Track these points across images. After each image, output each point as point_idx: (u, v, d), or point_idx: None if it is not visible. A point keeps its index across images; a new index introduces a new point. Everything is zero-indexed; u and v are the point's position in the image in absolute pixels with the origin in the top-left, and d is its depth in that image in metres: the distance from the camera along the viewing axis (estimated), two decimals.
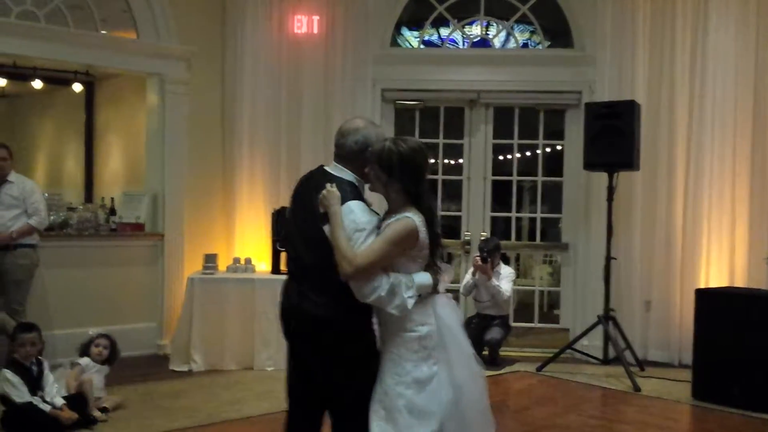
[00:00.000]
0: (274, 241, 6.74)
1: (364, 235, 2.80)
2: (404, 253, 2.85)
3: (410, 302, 2.81)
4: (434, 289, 2.91)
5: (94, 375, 5.03)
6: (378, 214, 2.95)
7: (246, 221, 7.20)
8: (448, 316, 2.92)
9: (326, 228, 2.84)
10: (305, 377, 3.03)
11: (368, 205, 2.94)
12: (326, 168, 3.04)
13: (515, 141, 7.69)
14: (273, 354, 6.39)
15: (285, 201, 6.88)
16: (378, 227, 2.86)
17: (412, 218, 2.83)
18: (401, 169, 2.86)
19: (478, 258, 6.75)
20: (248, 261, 6.83)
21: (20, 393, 4.50)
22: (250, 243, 7.12)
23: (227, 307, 6.45)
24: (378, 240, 2.80)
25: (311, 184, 2.99)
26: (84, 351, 5.14)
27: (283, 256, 6.68)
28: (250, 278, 6.58)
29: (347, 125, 3.04)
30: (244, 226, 7.20)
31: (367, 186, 3.03)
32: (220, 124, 7.37)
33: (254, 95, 7.24)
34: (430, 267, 2.91)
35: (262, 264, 6.92)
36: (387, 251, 2.79)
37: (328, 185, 2.88)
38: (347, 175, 2.97)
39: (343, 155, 3.00)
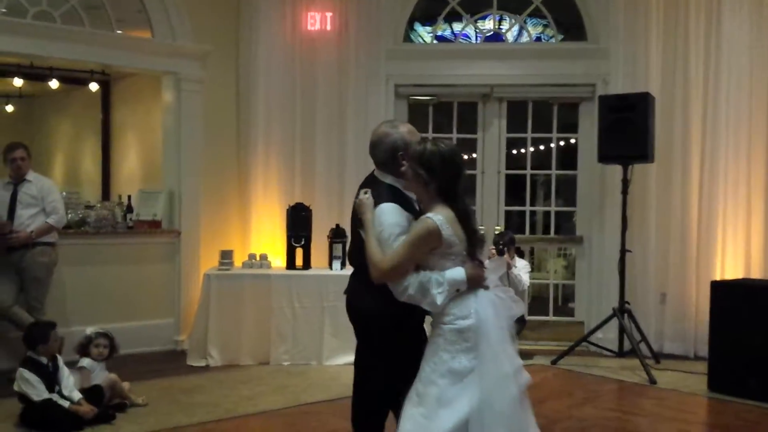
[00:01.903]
0: (289, 237, 6.78)
1: (393, 238, 2.95)
2: (431, 252, 2.92)
3: (440, 298, 2.88)
4: (476, 284, 2.92)
5: (100, 374, 5.04)
6: (416, 211, 3.08)
7: (261, 217, 7.25)
8: (485, 314, 2.89)
9: (362, 232, 3.06)
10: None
11: (411, 203, 3.09)
12: (375, 173, 3.25)
13: (529, 135, 7.69)
14: (289, 349, 6.45)
15: (299, 197, 7.04)
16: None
17: (433, 219, 2.89)
18: (442, 168, 2.95)
19: (493, 250, 6.76)
20: (264, 257, 6.88)
21: (38, 391, 4.55)
22: (266, 239, 7.17)
23: (243, 302, 6.50)
24: (401, 243, 2.93)
25: (360, 189, 3.21)
26: (83, 351, 5.05)
27: (298, 251, 6.79)
28: (265, 274, 6.63)
29: (373, 137, 3.24)
30: (259, 223, 7.26)
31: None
32: (235, 122, 7.42)
33: (268, 92, 7.28)
34: (469, 262, 2.95)
35: (278, 260, 6.96)
36: (410, 253, 2.91)
37: (362, 192, 3.11)
38: (388, 178, 3.17)
39: (379, 164, 3.22)
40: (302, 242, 6.76)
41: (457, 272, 2.90)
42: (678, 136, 6.92)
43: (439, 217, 2.89)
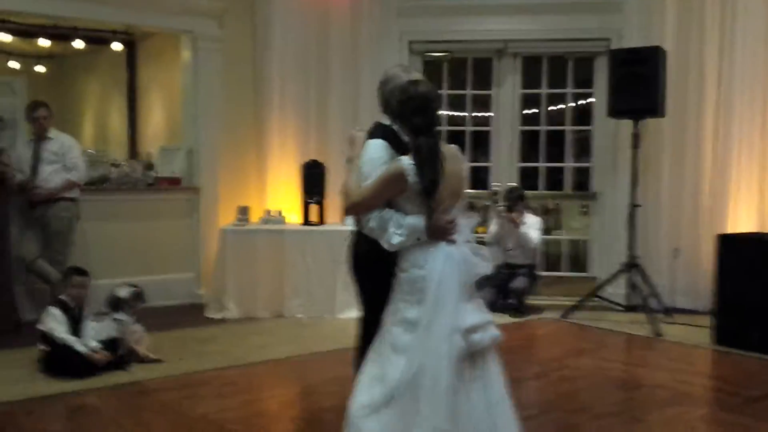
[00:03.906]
0: (304, 194, 6.92)
1: (371, 173, 2.97)
2: (398, 195, 2.94)
3: (395, 239, 2.90)
4: (438, 236, 2.90)
5: (136, 326, 5.28)
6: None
7: (278, 174, 7.38)
8: (436, 266, 2.86)
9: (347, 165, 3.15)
10: None
11: (406, 146, 3.01)
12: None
13: (544, 90, 7.66)
14: (303, 302, 6.63)
15: (315, 154, 7.16)
16: None
17: (403, 162, 2.90)
18: (401, 104, 2.98)
19: (502, 207, 6.83)
20: (279, 213, 7.04)
21: (60, 328, 4.78)
22: (282, 195, 7.31)
23: (259, 257, 6.68)
24: (372, 180, 2.96)
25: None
26: (116, 307, 5.20)
27: (313, 208, 6.93)
28: (280, 230, 6.79)
29: (383, 77, 3.25)
30: (275, 179, 7.38)
31: None
32: (252, 79, 7.51)
33: (284, 50, 7.35)
34: (426, 212, 2.90)
35: (293, 216, 7.12)
36: (377, 191, 2.94)
37: (353, 130, 3.19)
38: (385, 119, 3.20)
39: (381, 104, 3.24)
40: (316, 198, 6.90)
41: (416, 220, 2.90)
42: (692, 90, 6.84)
43: (411, 161, 2.90)
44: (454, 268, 2.87)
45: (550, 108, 7.74)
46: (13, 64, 10.23)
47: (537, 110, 7.90)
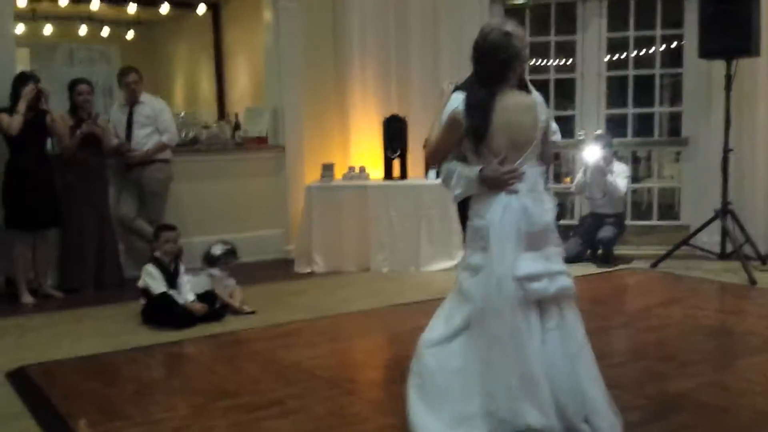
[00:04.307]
0: (386, 149, 6.98)
1: (442, 122, 3.07)
2: (457, 141, 3.01)
3: (456, 190, 3.01)
4: (495, 186, 2.91)
5: (230, 280, 5.51)
6: None
7: (360, 130, 7.44)
8: (494, 216, 2.90)
9: None
10: None
11: None
12: None
13: (631, 33, 7.40)
14: (388, 256, 6.72)
15: (396, 109, 7.18)
16: None
17: (458, 106, 2.96)
18: (476, 54, 3.01)
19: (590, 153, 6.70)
20: (362, 169, 7.13)
21: (158, 285, 5.03)
22: (365, 151, 7.37)
23: (344, 213, 6.81)
24: (437, 128, 3.06)
25: None
26: (211, 262, 5.44)
27: (395, 162, 6.98)
28: (363, 185, 6.89)
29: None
30: (358, 136, 7.46)
31: None
32: (332, 37, 7.57)
33: (363, 6, 7.35)
34: (482, 161, 2.95)
35: (377, 171, 7.19)
36: (440, 137, 3.06)
37: (444, 83, 3.24)
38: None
39: None
40: (398, 153, 6.94)
41: (472, 170, 2.95)
42: None
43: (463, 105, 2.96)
44: (512, 218, 2.89)
45: (637, 52, 7.48)
46: (105, 32, 10.61)
47: (623, 56, 7.66)
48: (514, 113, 2.95)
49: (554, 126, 3.56)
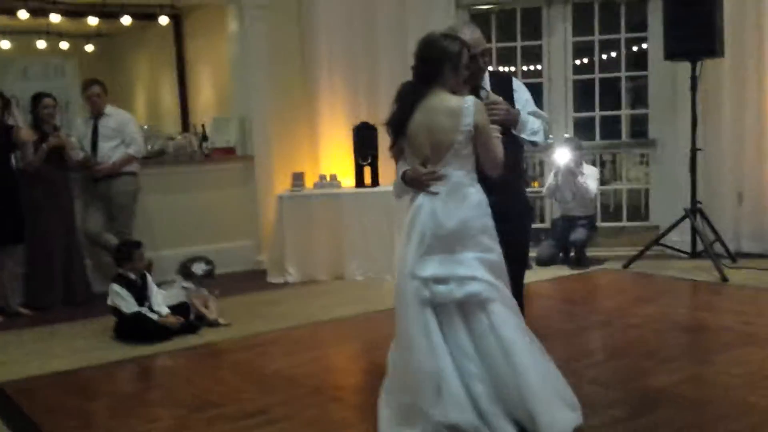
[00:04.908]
0: (357, 156, 6.94)
1: None
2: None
3: (395, 192, 3.31)
4: (415, 186, 3.08)
5: (202, 290, 5.40)
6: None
7: (329, 139, 7.39)
8: (410, 221, 3.08)
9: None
10: None
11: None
12: None
13: (596, 37, 7.49)
14: (362, 263, 6.68)
15: (365, 116, 7.14)
16: None
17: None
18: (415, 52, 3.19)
19: (558, 160, 6.75)
20: (333, 177, 7.08)
21: (128, 304, 4.92)
22: (335, 159, 7.31)
23: (316, 222, 6.75)
24: None
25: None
26: (187, 276, 5.34)
27: (366, 170, 6.95)
28: (336, 193, 6.85)
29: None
30: (328, 144, 7.39)
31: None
32: (299, 46, 7.50)
33: (329, 13, 7.31)
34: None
35: (347, 179, 7.15)
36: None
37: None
38: None
39: None
40: (369, 160, 6.91)
41: (399, 172, 3.13)
42: (750, 29, 6.61)
43: None
44: (420, 219, 3.01)
45: (602, 56, 7.58)
46: (64, 45, 10.41)
47: (588, 59, 7.75)
48: (434, 115, 3.01)
49: (536, 125, 3.54)
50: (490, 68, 3.69)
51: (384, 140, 6.72)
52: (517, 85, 3.61)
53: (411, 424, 2.94)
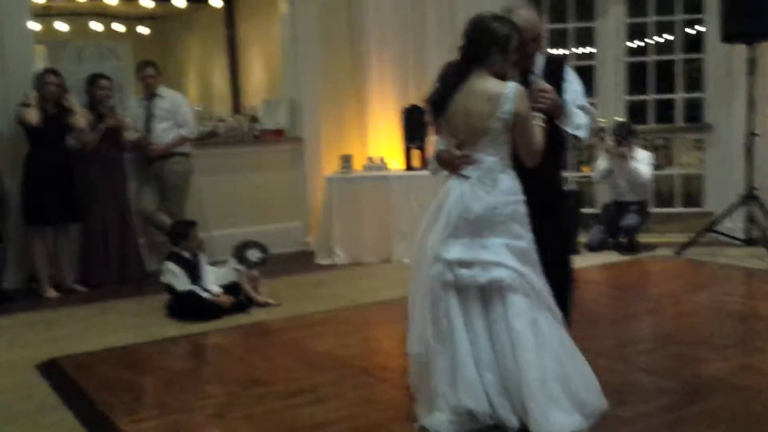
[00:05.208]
0: (405, 139, 6.95)
1: None
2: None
3: (430, 167, 3.31)
4: (447, 168, 3.06)
5: (254, 272, 5.47)
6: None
7: (378, 121, 7.40)
8: (439, 203, 3.06)
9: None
10: None
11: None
12: None
13: (651, 19, 7.34)
14: (409, 246, 6.68)
15: (414, 99, 7.12)
16: None
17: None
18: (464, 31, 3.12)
19: (610, 141, 6.65)
20: (382, 159, 7.10)
21: (181, 282, 5.02)
22: (383, 142, 7.34)
23: (364, 204, 6.78)
24: None
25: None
26: (241, 260, 5.38)
27: (415, 152, 6.95)
28: (384, 176, 6.87)
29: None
30: (376, 127, 7.41)
31: None
32: (348, 28, 7.52)
33: None
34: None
35: (396, 162, 7.16)
36: None
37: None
38: None
39: None
40: (418, 143, 6.91)
41: (435, 150, 3.13)
42: None
43: None
44: (447, 202, 2.98)
45: (657, 38, 7.43)
46: (118, 27, 10.61)
47: (642, 43, 7.60)
48: (474, 98, 2.94)
49: (581, 120, 3.34)
50: (547, 50, 3.60)
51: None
52: (569, 74, 3.46)
53: (439, 408, 2.93)
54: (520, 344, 2.87)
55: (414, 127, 6.91)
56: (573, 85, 3.41)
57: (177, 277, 5.03)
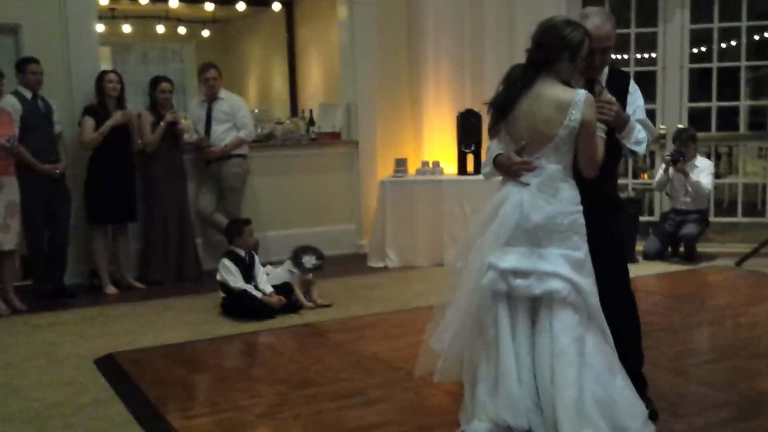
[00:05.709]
0: (459, 144, 6.93)
1: None
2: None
3: (485, 170, 3.17)
4: (507, 174, 2.93)
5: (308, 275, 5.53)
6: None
7: (433, 126, 7.42)
8: (493, 209, 2.94)
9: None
10: None
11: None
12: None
13: (715, 24, 7.16)
14: (459, 251, 6.65)
15: (470, 104, 7.11)
16: None
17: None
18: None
19: (668, 157, 6.52)
20: (436, 164, 7.09)
21: (235, 278, 5.11)
22: (438, 146, 7.34)
23: (417, 208, 6.80)
24: None
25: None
26: (296, 264, 5.39)
27: (469, 157, 6.92)
28: (437, 180, 6.86)
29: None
30: (431, 131, 7.43)
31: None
32: (406, 33, 7.55)
33: (437, 1, 7.32)
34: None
35: (450, 166, 7.14)
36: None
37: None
38: None
39: None
40: (472, 148, 6.88)
41: (494, 153, 3.00)
42: None
43: None
44: (504, 209, 2.87)
45: (722, 44, 7.25)
46: (181, 30, 10.85)
47: (706, 48, 7.42)
48: (542, 104, 2.84)
49: (641, 135, 3.21)
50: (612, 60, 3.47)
51: (487, 128, 6.76)
52: (634, 88, 3.33)
53: (479, 417, 2.89)
54: (560, 360, 2.79)
55: (469, 131, 6.90)
56: (636, 99, 3.30)
57: (232, 274, 5.12)
